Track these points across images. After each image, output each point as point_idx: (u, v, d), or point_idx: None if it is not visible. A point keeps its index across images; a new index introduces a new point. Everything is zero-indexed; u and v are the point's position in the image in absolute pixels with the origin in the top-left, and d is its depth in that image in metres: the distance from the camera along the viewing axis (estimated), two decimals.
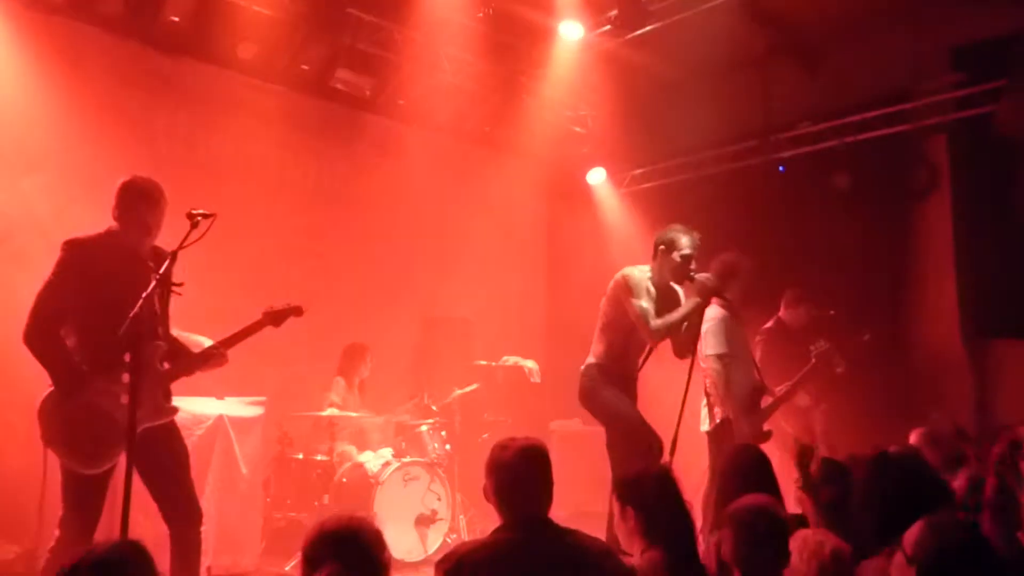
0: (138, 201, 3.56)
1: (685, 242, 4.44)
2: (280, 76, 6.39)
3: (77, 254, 3.46)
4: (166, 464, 3.53)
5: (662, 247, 4.50)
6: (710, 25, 6.07)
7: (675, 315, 4.40)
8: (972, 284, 6.02)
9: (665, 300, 4.53)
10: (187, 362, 3.67)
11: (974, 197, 6.05)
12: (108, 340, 3.20)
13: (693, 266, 4.43)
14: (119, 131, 5.48)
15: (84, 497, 3.36)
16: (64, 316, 3.41)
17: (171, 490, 3.53)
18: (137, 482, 3.03)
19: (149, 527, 3.50)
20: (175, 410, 3.63)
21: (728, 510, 2.49)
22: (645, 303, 4.39)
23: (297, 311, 3.85)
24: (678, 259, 4.43)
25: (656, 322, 4.36)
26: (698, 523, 3.03)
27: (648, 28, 6.35)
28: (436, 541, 5.58)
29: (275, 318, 3.78)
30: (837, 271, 6.39)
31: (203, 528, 3.64)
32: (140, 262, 3.52)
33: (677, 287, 4.63)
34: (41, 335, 3.37)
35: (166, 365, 3.59)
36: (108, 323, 3.22)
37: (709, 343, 4.68)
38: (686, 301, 4.50)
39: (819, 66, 6.52)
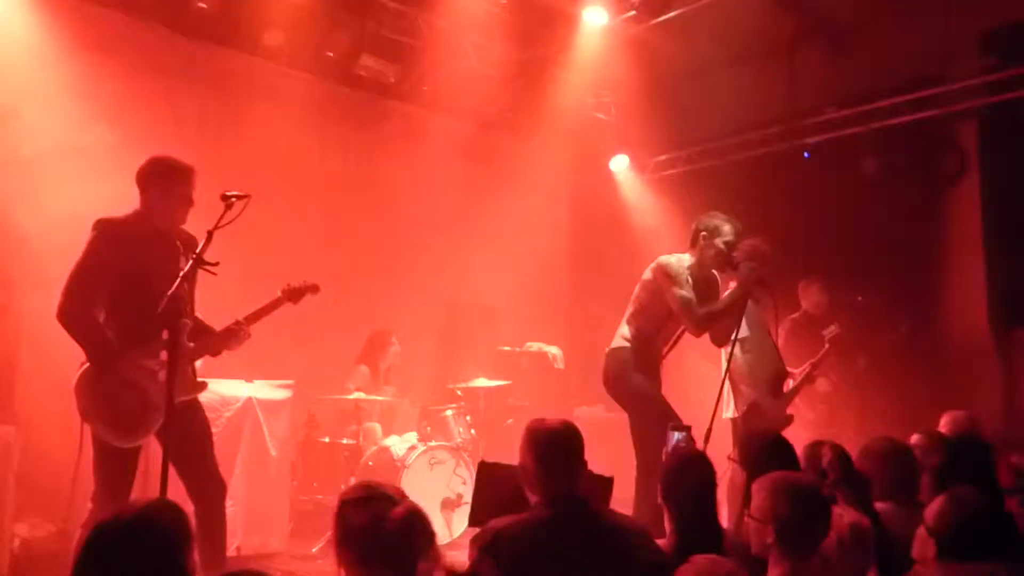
0: (167, 176, 3.61)
1: (728, 229, 4.44)
2: (305, 63, 6.42)
3: (108, 233, 3.51)
4: (191, 439, 3.58)
5: (704, 234, 4.48)
6: (735, 9, 6.02)
7: (719, 304, 4.38)
8: (1001, 271, 5.96)
9: (703, 289, 4.50)
10: (211, 341, 3.73)
11: (1004, 183, 5.96)
12: (140, 317, 3.27)
13: (736, 254, 4.41)
14: (146, 118, 5.52)
15: (116, 471, 3.44)
16: (97, 294, 3.46)
17: (196, 464, 3.60)
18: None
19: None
20: (204, 385, 3.71)
21: (772, 486, 2.40)
22: (687, 293, 4.37)
23: (314, 288, 3.99)
24: (721, 246, 4.42)
25: (700, 311, 4.33)
26: (722, 510, 3.02)
27: (672, 13, 6.31)
28: (461, 525, 5.61)
29: (293, 295, 3.91)
30: (864, 258, 6.34)
31: (229, 503, 3.69)
32: (169, 241, 3.60)
33: (716, 274, 4.61)
34: (76, 312, 3.43)
35: (191, 344, 3.66)
36: (139, 301, 3.30)
37: None
38: (729, 291, 4.47)
39: (846, 50, 6.44)
